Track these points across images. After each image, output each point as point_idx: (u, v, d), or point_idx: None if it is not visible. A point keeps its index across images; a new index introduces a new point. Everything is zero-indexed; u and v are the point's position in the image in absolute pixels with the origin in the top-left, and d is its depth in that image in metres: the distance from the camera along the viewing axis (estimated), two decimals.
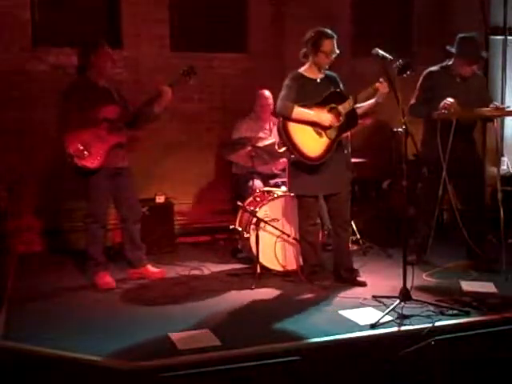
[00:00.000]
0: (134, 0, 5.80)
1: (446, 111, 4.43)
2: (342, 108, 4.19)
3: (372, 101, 4.29)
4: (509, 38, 6.61)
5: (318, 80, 4.29)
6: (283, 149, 4.36)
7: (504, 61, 6.62)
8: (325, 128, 4.20)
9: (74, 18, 5.67)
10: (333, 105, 4.21)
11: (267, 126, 5.55)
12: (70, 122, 4.27)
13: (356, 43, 6.48)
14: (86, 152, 4.25)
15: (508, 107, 4.70)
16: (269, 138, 5.08)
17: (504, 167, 6.28)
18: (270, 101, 5.48)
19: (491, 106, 4.57)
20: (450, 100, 4.44)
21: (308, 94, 4.20)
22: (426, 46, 6.53)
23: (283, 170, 5.49)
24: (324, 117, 4.18)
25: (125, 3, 5.79)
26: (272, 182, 5.25)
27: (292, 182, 4.42)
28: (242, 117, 5.64)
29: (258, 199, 4.81)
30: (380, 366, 3.17)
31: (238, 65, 6.20)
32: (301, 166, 4.25)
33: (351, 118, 4.26)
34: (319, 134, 4.21)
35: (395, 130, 5.59)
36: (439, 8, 6.72)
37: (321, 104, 4.21)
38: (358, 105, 4.27)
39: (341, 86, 4.37)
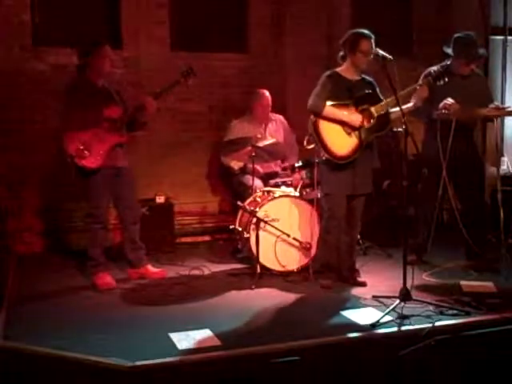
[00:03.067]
0: (134, 0, 5.81)
1: (446, 111, 4.44)
2: (374, 110, 4.17)
3: (410, 104, 4.26)
4: (509, 37, 6.61)
5: (354, 81, 4.27)
6: (311, 145, 4.36)
7: (504, 61, 6.62)
8: (354, 128, 4.19)
9: (73, 18, 5.66)
10: (365, 106, 4.20)
11: (263, 127, 5.53)
12: (71, 121, 4.27)
13: None
14: (86, 152, 4.25)
15: (508, 107, 4.70)
16: (268, 138, 5.08)
17: (504, 167, 6.28)
18: (270, 101, 5.47)
19: (491, 105, 4.58)
20: (450, 100, 4.45)
21: (342, 94, 4.19)
22: (426, 46, 6.54)
23: (283, 168, 5.49)
24: (354, 117, 4.17)
25: (125, 3, 5.79)
26: (272, 181, 5.24)
27: (323, 180, 4.40)
28: (236, 117, 5.62)
29: (258, 199, 4.81)
30: (380, 366, 3.17)
31: (238, 65, 6.20)
32: (332, 165, 4.22)
33: (383, 120, 4.21)
34: (348, 134, 4.19)
35: (395, 129, 5.59)
36: (439, 8, 6.72)
37: (353, 104, 4.20)
38: (392, 109, 4.20)
39: (377, 90, 4.33)
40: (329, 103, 4.15)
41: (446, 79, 4.08)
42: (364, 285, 4.30)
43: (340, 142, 4.18)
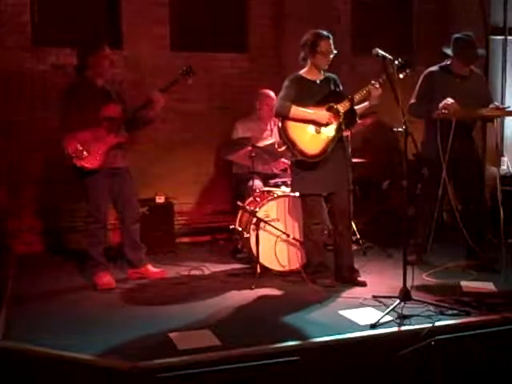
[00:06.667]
0: (134, 0, 5.81)
1: (446, 111, 4.44)
2: (341, 107, 4.24)
3: (366, 103, 4.33)
4: (509, 37, 6.62)
5: (318, 81, 4.34)
6: (283, 148, 4.39)
7: (504, 61, 6.63)
8: (323, 126, 4.23)
9: (74, 18, 5.67)
10: (331, 104, 4.26)
11: (268, 127, 5.54)
12: (70, 121, 4.27)
13: (356, 43, 6.48)
14: (85, 152, 4.25)
15: (508, 107, 4.70)
16: (269, 138, 5.08)
17: (504, 167, 6.29)
18: (275, 101, 5.47)
19: (491, 106, 4.58)
20: (450, 100, 4.45)
21: (307, 95, 4.26)
22: (426, 46, 6.54)
23: (283, 169, 5.49)
24: (321, 115, 4.22)
25: (125, 3, 5.79)
26: (272, 181, 5.24)
27: (295, 181, 4.46)
28: (241, 117, 5.63)
29: (258, 199, 4.81)
30: (380, 366, 3.17)
31: (238, 65, 6.20)
32: (303, 165, 4.28)
33: (350, 116, 4.30)
34: (318, 132, 4.25)
35: (395, 129, 5.59)
36: (439, 8, 6.73)
37: (319, 103, 4.26)
38: (355, 107, 4.30)
39: (341, 87, 4.42)
40: (294, 105, 4.20)
41: (408, 71, 4.07)
42: (364, 285, 4.30)
43: (310, 141, 4.23)
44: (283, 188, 4.97)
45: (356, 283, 4.32)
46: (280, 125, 4.25)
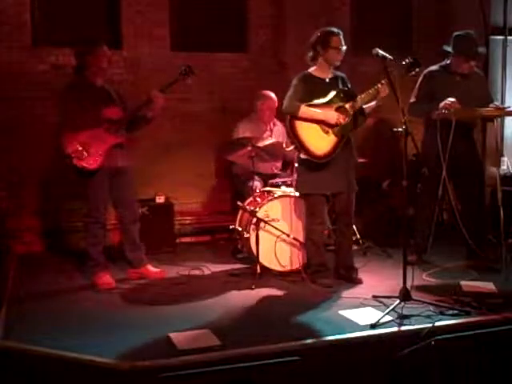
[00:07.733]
0: (134, 0, 5.81)
1: (447, 111, 4.44)
2: (349, 107, 4.23)
3: (373, 103, 4.32)
4: (509, 37, 6.61)
5: (327, 80, 4.33)
6: (291, 147, 4.39)
7: (504, 61, 6.62)
8: (331, 126, 4.23)
9: (73, 18, 5.67)
10: (340, 103, 4.25)
11: (268, 127, 5.54)
12: (70, 122, 4.27)
13: (356, 43, 6.47)
14: (84, 153, 4.24)
15: (508, 107, 4.70)
16: (269, 138, 5.08)
17: (504, 167, 6.28)
18: (276, 103, 5.46)
19: (491, 105, 4.58)
20: (451, 100, 4.45)
21: (316, 93, 4.24)
22: (426, 46, 6.53)
23: (283, 169, 5.49)
24: (330, 115, 4.21)
25: (125, 3, 5.80)
26: (272, 181, 5.25)
27: (299, 180, 4.45)
28: (242, 117, 5.63)
29: (258, 199, 4.80)
30: (380, 366, 3.17)
31: (238, 65, 6.20)
32: (308, 164, 4.27)
33: (359, 116, 4.29)
34: (326, 132, 4.24)
35: (395, 129, 5.59)
36: (439, 8, 6.73)
37: (328, 103, 4.25)
38: (364, 106, 4.29)
39: (349, 85, 4.41)
40: (304, 104, 4.19)
41: (417, 69, 4.08)
42: (360, 282, 4.32)
43: (318, 140, 4.23)
44: (283, 188, 4.96)
45: (352, 281, 4.34)
46: (288, 124, 4.23)
